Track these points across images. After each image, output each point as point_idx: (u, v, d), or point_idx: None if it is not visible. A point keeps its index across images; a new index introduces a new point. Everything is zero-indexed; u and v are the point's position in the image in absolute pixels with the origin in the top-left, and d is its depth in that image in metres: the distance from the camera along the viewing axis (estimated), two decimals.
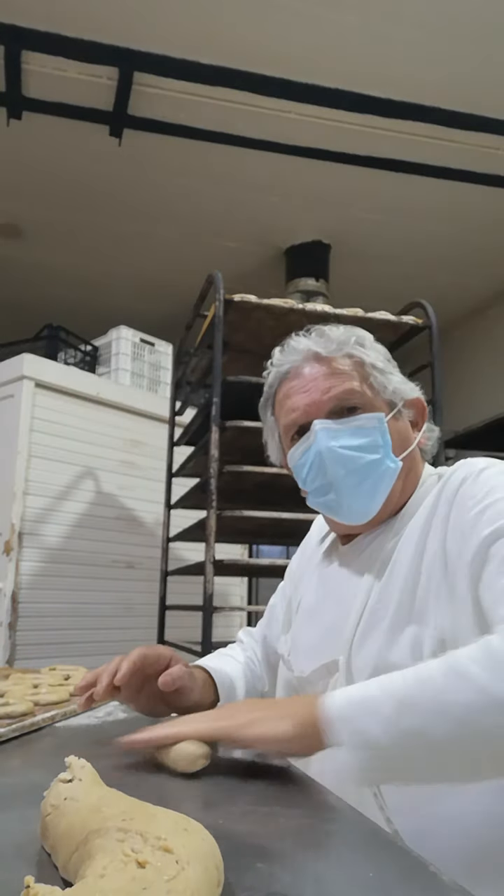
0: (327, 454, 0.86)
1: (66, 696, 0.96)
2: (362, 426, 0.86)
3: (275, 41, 3.01)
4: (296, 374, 0.91)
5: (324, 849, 0.50)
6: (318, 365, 0.90)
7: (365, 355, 0.90)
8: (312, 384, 0.88)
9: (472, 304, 5.19)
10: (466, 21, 2.89)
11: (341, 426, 0.86)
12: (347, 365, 0.89)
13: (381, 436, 0.86)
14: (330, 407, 0.87)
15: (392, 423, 0.88)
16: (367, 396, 0.88)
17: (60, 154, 3.71)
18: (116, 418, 3.35)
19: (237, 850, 0.46)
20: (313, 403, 0.88)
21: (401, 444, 0.88)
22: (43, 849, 0.46)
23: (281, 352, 0.95)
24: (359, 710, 0.63)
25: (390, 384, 0.90)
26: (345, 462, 0.86)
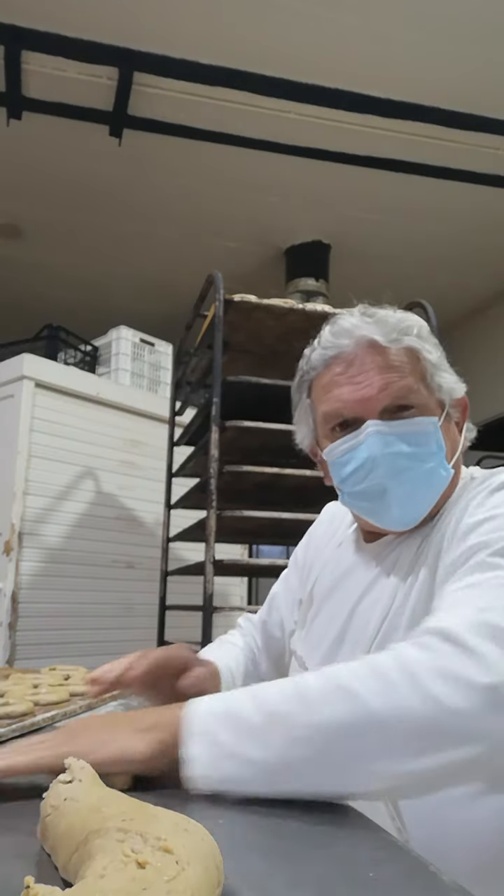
0: (382, 461, 0.80)
1: (66, 696, 0.96)
2: (419, 431, 0.80)
3: (275, 41, 3.01)
4: (347, 360, 0.82)
5: (324, 849, 0.50)
6: (373, 354, 0.81)
7: (423, 349, 0.82)
8: (366, 376, 0.80)
9: (472, 304, 5.19)
10: (466, 21, 2.89)
11: (395, 429, 0.79)
12: (405, 358, 0.81)
13: (437, 442, 0.80)
14: (384, 405, 0.80)
15: (444, 426, 0.82)
16: (423, 396, 0.81)
17: (60, 154, 3.71)
18: (116, 418, 3.35)
19: (237, 850, 0.46)
20: (365, 400, 0.80)
21: (451, 449, 0.83)
22: (43, 849, 0.46)
23: (331, 331, 0.85)
24: (221, 719, 0.57)
25: (444, 383, 0.83)
26: (399, 472, 0.80)
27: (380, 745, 0.54)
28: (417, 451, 0.80)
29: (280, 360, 2.33)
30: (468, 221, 4.25)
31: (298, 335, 2.28)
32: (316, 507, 1.12)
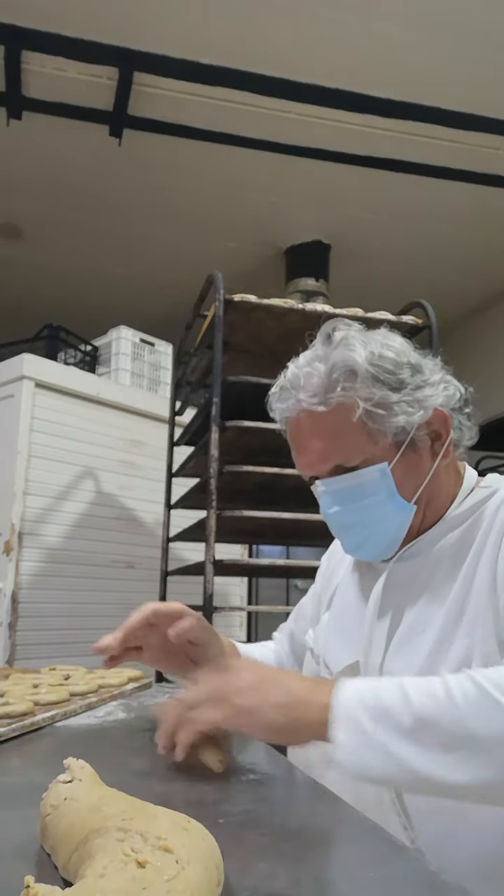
0: (330, 520, 0.86)
1: (66, 695, 0.95)
2: (363, 483, 0.81)
3: (275, 41, 3.01)
4: (292, 427, 0.87)
5: (324, 849, 0.50)
6: (308, 421, 0.83)
7: (357, 400, 0.79)
8: (308, 444, 0.84)
9: (472, 304, 5.19)
10: (466, 21, 2.89)
11: (338, 485, 0.83)
12: (339, 418, 0.80)
13: (385, 489, 0.81)
14: (327, 471, 0.84)
15: (401, 463, 0.81)
16: (366, 449, 0.80)
17: (60, 154, 3.71)
18: (116, 418, 3.35)
19: (237, 850, 0.46)
20: (311, 466, 0.85)
21: (414, 482, 0.82)
22: (42, 849, 0.46)
23: (274, 394, 0.89)
24: (371, 713, 0.60)
25: (394, 423, 0.80)
26: (346, 526, 0.86)
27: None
28: (360, 505, 0.82)
29: (280, 360, 2.32)
30: (468, 221, 4.25)
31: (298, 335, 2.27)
32: (316, 507, 1.12)
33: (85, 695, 0.98)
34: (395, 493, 0.81)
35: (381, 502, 0.81)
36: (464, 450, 0.89)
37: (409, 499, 0.82)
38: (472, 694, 0.58)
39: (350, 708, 0.61)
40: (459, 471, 0.89)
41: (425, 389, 0.82)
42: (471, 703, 0.58)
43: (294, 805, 0.59)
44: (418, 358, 0.85)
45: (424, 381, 0.83)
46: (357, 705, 0.61)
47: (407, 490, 0.82)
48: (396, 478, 0.81)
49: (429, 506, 0.84)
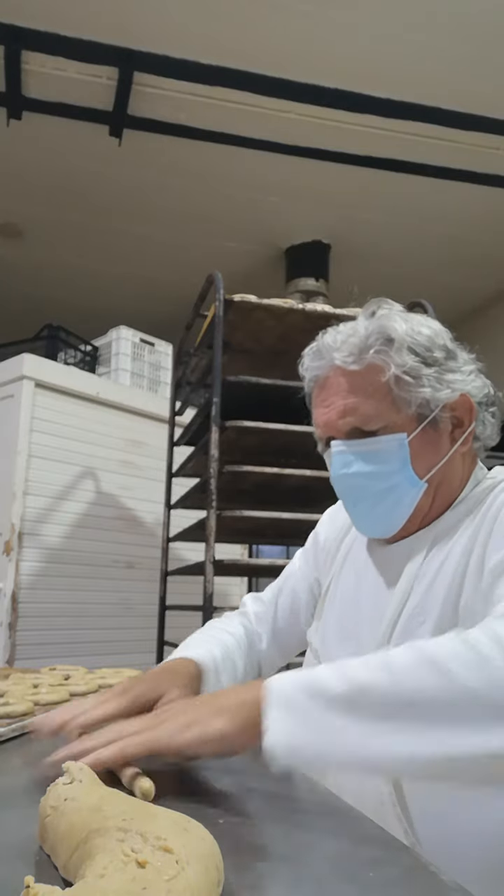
0: (339, 481, 0.85)
1: (66, 696, 0.95)
2: (379, 450, 0.81)
3: (275, 41, 3.01)
4: (320, 384, 0.87)
5: (324, 849, 0.50)
6: (338, 377, 0.83)
7: (390, 363, 0.80)
8: (332, 399, 0.84)
9: (472, 304, 5.19)
10: (466, 21, 2.89)
11: (355, 449, 0.82)
12: (367, 379, 0.81)
13: (400, 460, 0.81)
14: (346, 430, 0.83)
15: (419, 438, 0.81)
16: (387, 416, 0.81)
17: (60, 154, 3.71)
18: (116, 418, 3.35)
19: (237, 850, 0.46)
20: (331, 423, 0.84)
21: (428, 461, 0.82)
22: (42, 849, 0.46)
23: (308, 353, 0.89)
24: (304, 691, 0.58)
25: (420, 394, 0.80)
26: (355, 490, 0.84)
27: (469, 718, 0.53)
28: (375, 471, 0.81)
29: (280, 360, 2.33)
30: (468, 221, 4.25)
31: (298, 335, 2.28)
32: (316, 507, 1.12)
33: (85, 695, 0.98)
34: (409, 466, 0.81)
35: (393, 472, 0.81)
36: (483, 447, 0.89)
37: (422, 476, 0.82)
38: (410, 658, 0.57)
39: (282, 689, 0.59)
40: (475, 465, 0.89)
41: (455, 374, 0.84)
42: (407, 668, 0.56)
43: (294, 805, 0.59)
44: (454, 346, 0.87)
45: (456, 366, 0.85)
46: (289, 685, 0.59)
47: (421, 467, 0.81)
48: (413, 452, 0.81)
49: (439, 489, 0.84)
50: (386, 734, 0.54)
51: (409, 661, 0.57)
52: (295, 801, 0.61)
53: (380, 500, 0.82)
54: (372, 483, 0.82)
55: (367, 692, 0.56)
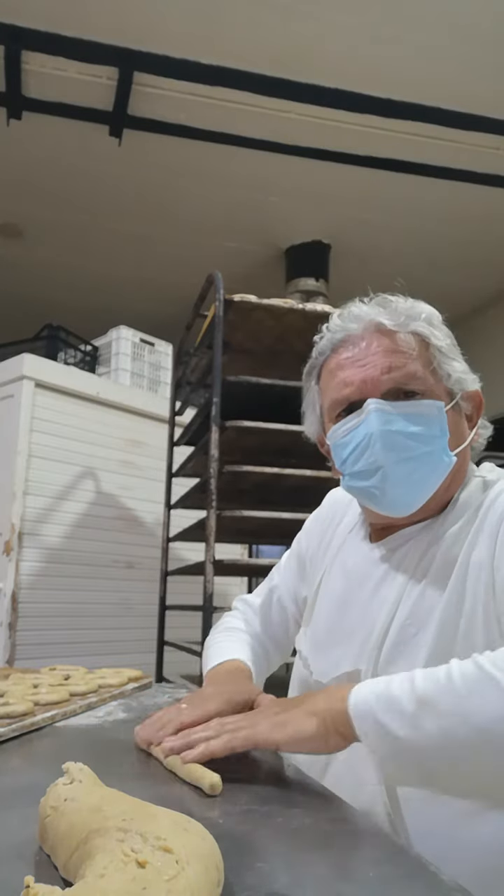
0: (380, 437, 0.78)
1: (66, 695, 0.95)
2: (422, 413, 0.79)
3: (275, 41, 3.01)
4: (353, 343, 0.82)
5: (324, 849, 0.50)
6: (380, 337, 0.81)
7: (432, 335, 0.82)
8: (371, 359, 0.80)
9: (472, 304, 5.19)
10: (467, 21, 2.89)
11: (398, 409, 0.78)
12: (412, 343, 0.81)
13: (440, 426, 0.79)
14: (388, 387, 0.79)
15: (450, 414, 0.81)
16: (429, 382, 0.80)
17: (60, 154, 3.71)
18: (116, 418, 3.35)
19: (237, 850, 0.46)
20: (370, 380, 0.80)
21: (456, 438, 0.81)
22: (42, 849, 0.46)
23: (339, 316, 0.86)
24: (382, 705, 0.62)
25: (454, 372, 0.82)
26: (398, 449, 0.78)
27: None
28: (418, 432, 0.78)
29: (280, 360, 2.33)
30: (468, 221, 4.25)
31: (298, 335, 2.29)
32: (316, 507, 1.11)
33: (85, 695, 0.98)
34: (447, 434, 0.80)
35: (434, 437, 0.79)
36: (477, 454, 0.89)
37: (453, 451, 0.81)
38: (472, 674, 0.59)
39: (364, 699, 0.63)
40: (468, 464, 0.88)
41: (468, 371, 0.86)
42: (469, 685, 0.58)
43: (294, 805, 0.59)
44: None
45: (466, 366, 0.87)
46: (370, 695, 0.63)
47: (451, 443, 0.80)
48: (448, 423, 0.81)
49: (455, 474, 0.82)
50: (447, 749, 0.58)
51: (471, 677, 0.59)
52: (295, 801, 0.61)
53: (421, 463, 0.79)
54: (416, 445, 0.78)
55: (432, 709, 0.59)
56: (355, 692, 0.64)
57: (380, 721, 0.61)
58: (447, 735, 0.58)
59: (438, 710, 0.58)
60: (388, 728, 0.60)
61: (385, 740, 0.61)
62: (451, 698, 0.59)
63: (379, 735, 0.61)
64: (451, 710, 0.58)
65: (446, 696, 0.59)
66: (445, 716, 0.58)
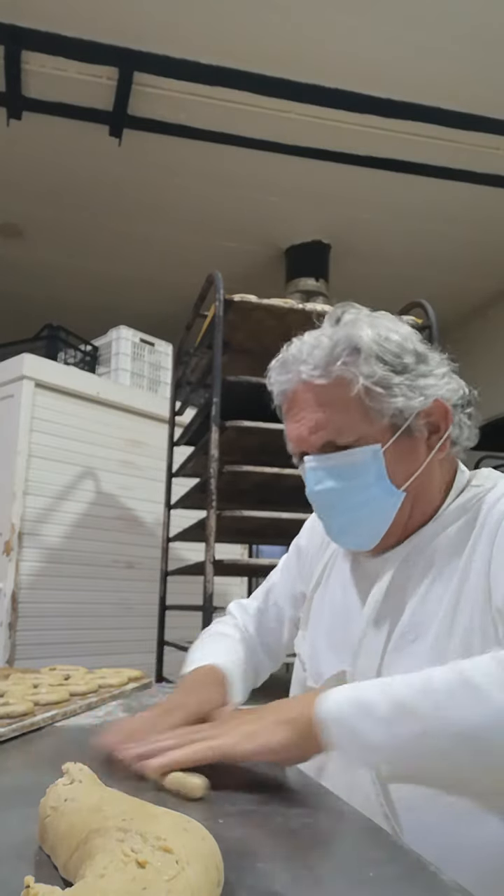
0: (314, 497, 0.83)
1: (66, 696, 0.95)
2: (354, 462, 0.79)
3: (275, 41, 3.01)
4: (289, 398, 0.84)
5: (324, 849, 0.50)
6: (305, 392, 0.81)
7: (358, 374, 0.77)
8: (302, 414, 0.81)
9: (472, 304, 5.19)
10: (467, 21, 2.89)
11: (326, 464, 0.80)
12: (338, 393, 0.78)
13: (375, 472, 0.79)
14: (319, 445, 0.81)
15: (394, 448, 0.79)
16: (359, 429, 0.78)
17: (60, 154, 3.71)
18: (116, 418, 3.35)
19: (237, 850, 0.46)
20: (302, 439, 0.82)
21: (405, 470, 0.80)
22: (41, 849, 0.46)
23: (275, 366, 0.86)
24: (354, 710, 0.61)
25: (392, 404, 0.78)
26: (333, 505, 0.82)
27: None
28: (349, 485, 0.79)
29: None
30: (468, 221, 4.25)
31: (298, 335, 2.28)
32: None
33: (85, 695, 0.98)
34: (385, 477, 0.79)
35: (369, 485, 0.79)
36: (462, 449, 0.87)
37: (400, 486, 0.79)
38: (453, 680, 0.59)
39: (335, 706, 0.62)
40: (454, 469, 0.86)
41: (428, 379, 0.81)
42: (450, 689, 0.58)
43: (294, 805, 0.59)
44: (424, 349, 0.83)
45: (428, 370, 0.82)
46: (342, 702, 0.62)
47: (398, 477, 0.79)
48: (388, 462, 0.79)
49: (417, 499, 0.82)
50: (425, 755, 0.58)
51: (450, 683, 0.59)
52: (295, 801, 0.61)
53: (356, 513, 0.81)
54: (347, 497, 0.80)
55: (409, 714, 0.59)
56: (326, 698, 0.63)
57: (352, 726, 0.60)
58: (424, 740, 0.58)
59: (416, 715, 0.58)
60: (361, 733, 0.60)
61: (357, 745, 0.61)
62: (430, 704, 0.58)
63: (350, 740, 0.61)
64: (429, 715, 0.58)
65: (425, 701, 0.59)
66: (424, 720, 0.58)
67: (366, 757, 0.62)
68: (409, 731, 0.58)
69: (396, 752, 0.59)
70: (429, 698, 0.59)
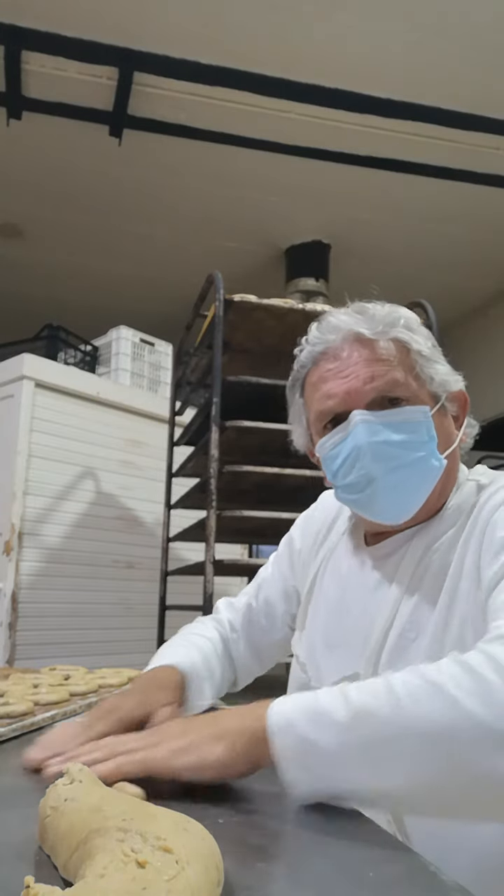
0: (367, 449, 0.78)
1: (66, 695, 0.95)
2: (407, 420, 0.78)
3: (275, 41, 3.01)
4: (334, 355, 0.82)
5: (324, 849, 0.50)
6: (360, 347, 0.80)
7: (412, 340, 0.81)
8: (353, 369, 0.80)
9: (472, 304, 5.19)
10: (466, 21, 2.89)
11: (382, 419, 0.78)
12: (392, 350, 0.80)
13: (427, 431, 0.79)
14: (372, 397, 0.79)
15: (436, 417, 0.80)
16: (413, 388, 0.79)
17: (60, 154, 3.71)
18: (116, 418, 3.35)
19: (237, 850, 0.46)
20: (353, 392, 0.79)
21: (444, 441, 0.80)
22: (41, 849, 0.46)
23: (318, 328, 0.85)
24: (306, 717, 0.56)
25: (437, 375, 0.81)
26: (387, 459, 0.78)
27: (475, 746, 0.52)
28: (406, 440, 0.78)
29: (280, 360, 2.32)
30: (468, 221, 4.25)
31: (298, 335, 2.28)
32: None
33: (85, 695, 0.98)
34: (435, 439, 0.79)
35: (423, 442, 0.78)
36: (465, 453, 0.88)
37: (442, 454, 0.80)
38: (412, 683, 0.56)
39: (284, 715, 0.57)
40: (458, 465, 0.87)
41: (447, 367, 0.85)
42: (410, 693, 0.55)
43: (294, 805, 0.59)
44: None
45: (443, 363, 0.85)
46: (292, 712, 0.57)
47: (440, 446, 0.80)
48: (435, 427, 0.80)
49: (446, 479, 0.82)
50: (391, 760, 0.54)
51: (411, 686, 0.56)
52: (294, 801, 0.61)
53: (410, 469, 0.79)
54: (405, 452, 0.78)
55: (370, 718, 0.55)
56: (276, 708, 0.58)
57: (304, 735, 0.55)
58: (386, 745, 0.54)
59: (378, 718, 0.54)
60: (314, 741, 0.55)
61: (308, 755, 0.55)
62: (391, 708, 0.55)
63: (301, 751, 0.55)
64: (391, 720, 0.54)
65: (386, 706, 0.55)
66: (386, 725, 0.54)
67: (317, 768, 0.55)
68: (369, 735, 0.54)
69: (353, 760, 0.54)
70: (390, 702, 0.55)
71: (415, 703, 0.54)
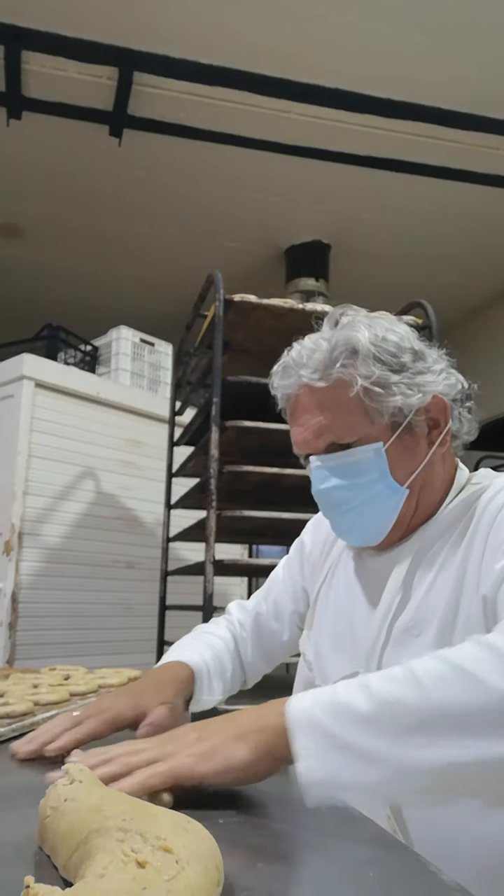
0: (320, 497, 0.85)
1: (66, 696, 0.95)
2: (357, 461, 0.81)
3: (275, 41, 3.01)
4: (292, 402, 0.87)
5: (324, 849, 0.50)
6: (307, 396, 0.84)
7: (357, 376, 0.79)
8: (305, 418, 0.84)
9: (472, 304, 5.19)
10: (466, 21, 2.89)
11: (330, 463, 0.82)
12: (335, 395, 0.81)
13: (378, 469, 0.81)
14: (323, 447, 0.83)
15: (396, 445, 0.81)
16: (361, 428, 0.80)
17: (60, 154, 3.71)
18: (116, 418, 3.35)
19: (237, 850, 0.46)
20: (308, 442, 0.84)
21: (408, 466, 0.82)
22: (41, 849, 0.46)
23: (275, 373, 0.89)
24: (329, 712, 0.55)
25: (391, 403, 0.79)
26: (338, 504, 0.84)
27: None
28: (354, 483, 0.81)
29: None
30: (468, 221, 4.25)
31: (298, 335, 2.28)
32: (316, 507, 1.11)
33: (85, 695, 0.98)
34: (388, 474, 0.81)
35: (372, 482, 0.81)
36: (461, 444, 0.88)
37: (403, 483, 0.81)
38: (435, 668, 0.55)
39: (306, 711, 0.56)
40: (455, 466, 0.88)
41: (426, 375, 0.82)
42: (434, 678, 0.54)
43: (294, 805, 0.59)
44: (421, 346, 0.85)
45: (426, 367, 0.83)
46: (312, 706, 0.56)
47: (400, 473, 0.81)
48: (391, 459, 0.81)
49: (422, 494, 0.83)
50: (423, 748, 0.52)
51: (434, 670, 0.55)
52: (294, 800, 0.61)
53: (362, 510, 0.82)
54: (352, 495, 0.82)
55: (396, 706, 0.53)
56: (295, 704, 0.57)
57: (327, 729, 0.54)
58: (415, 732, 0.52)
59: (404, 706, 0.53)
60: (338, 735, 0.53)
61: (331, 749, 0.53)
62: (417, 694, 0.53)
63: (324, 745, 0.53)
64: (419, 707, 0.53)
65: (411, 693, 0.54)
66: (414, 712, 0.53)
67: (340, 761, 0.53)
68: (397, 724, 0.52)
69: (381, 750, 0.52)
70: (414, 688, 0.54)
71: (440, 687, 0.53)
